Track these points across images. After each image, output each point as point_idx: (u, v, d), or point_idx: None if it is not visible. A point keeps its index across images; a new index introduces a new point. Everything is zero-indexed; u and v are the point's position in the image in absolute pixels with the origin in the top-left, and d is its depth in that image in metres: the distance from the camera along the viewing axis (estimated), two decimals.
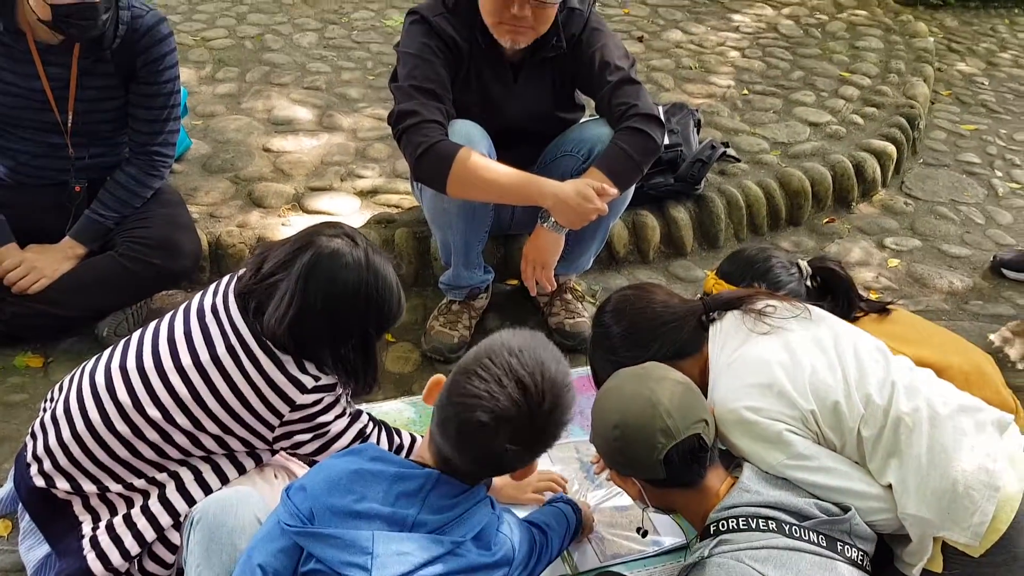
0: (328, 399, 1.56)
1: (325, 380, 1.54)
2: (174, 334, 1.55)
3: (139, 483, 1.54)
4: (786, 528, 1.39)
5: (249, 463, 1.60)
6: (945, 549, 1.45)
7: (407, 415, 2.08)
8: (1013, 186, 3.49)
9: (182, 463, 1.55)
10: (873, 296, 2.68)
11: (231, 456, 1.57)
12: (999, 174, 3.52)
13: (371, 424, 1.68)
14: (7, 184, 2.25)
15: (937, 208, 3.25)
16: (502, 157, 2.10)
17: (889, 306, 1.88)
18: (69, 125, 2.17)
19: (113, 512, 1.55)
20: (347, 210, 2.69)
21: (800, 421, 1.49)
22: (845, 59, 4.06)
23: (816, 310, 1.66)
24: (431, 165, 1.98)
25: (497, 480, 1.70)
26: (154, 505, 1.53)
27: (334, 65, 3.63)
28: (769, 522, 1.40)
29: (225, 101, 3.27)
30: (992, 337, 2.39)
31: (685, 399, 1.46)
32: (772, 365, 1.52)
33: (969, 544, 1.42)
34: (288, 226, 2.57)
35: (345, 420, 1.61)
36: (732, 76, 3.82)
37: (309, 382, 1.51)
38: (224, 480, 1.56)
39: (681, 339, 1.66)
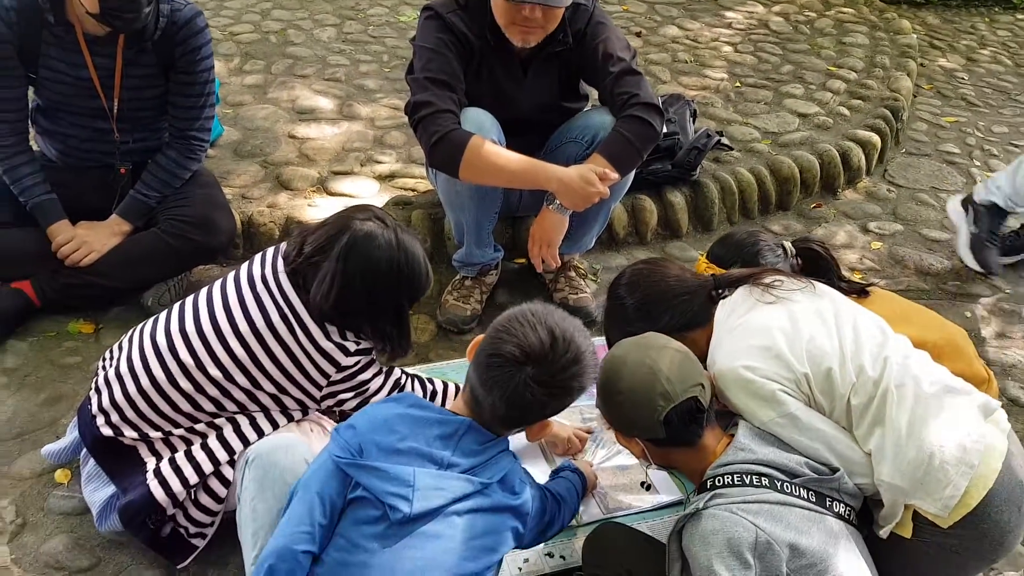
0: (366, 360, 1.68)
1: (364, 344, 1.66)
2: (228, 301, 1.64)
3: (200, 427, 1.64)
4: (777, 484, 1.42)
5: (297, 415, 1.70)
6: (917, 517, 1.48)
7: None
8: (990, 175, 3.54)
9: (239, 412, 1.65)
10: (857, 276, 2.73)
11: (284, 410, 1.67)
12: (977, 164, 3.57)
13: (404, 376, 1.80)
14: (58, 166, 2.33)
15: (918, 195, 3.30)
16: (510, 144, 2.15)
17: (869, 287, 1.88)
18: (115, 111, 2.24)
19: (175, 451, 1.64)
20: (367, 193, 2.76)
21: (794, 383, 1.51)
22: (832, 54, 4.12)
23: (820, 285, 1.68)
24: (445, 152, 2.03)
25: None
26: (212, 443, 1.63)
27: (352, 58, 3.69)
28: (762, 478, 1.43)
29: (253, 91, 3.34)
30: None
31: (683, 365, 1.50)
32: (772, 330, 1.55)
33: (938, 515, 1.44)
34: (314, 206, 2.65)
35: (381, 377, 1.73)
36: (725, 70, 3.87)
37: (352, 347, 1.63)
38: (275, 426, 1.66)
39: (692, 311, 1.69)
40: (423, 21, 2.18)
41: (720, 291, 1.70)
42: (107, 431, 1.65)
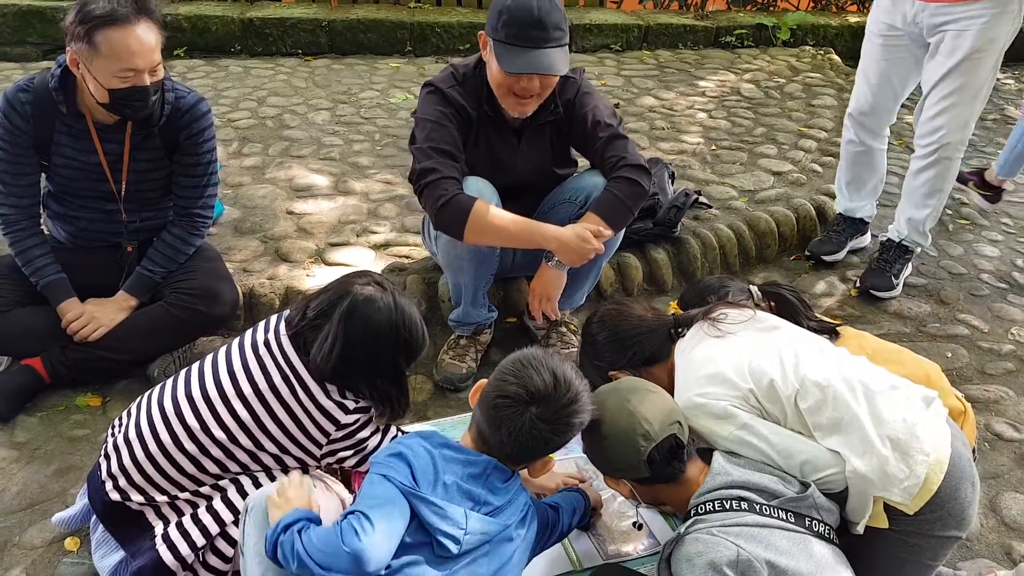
0: (364, 418, 1.73)
1: (363, 403, 1.72)
2: (232, 365, 1.71)
3: (204, 490, 1.68)
4: (756, 507, 1.49)
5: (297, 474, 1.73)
6: (887, 509, 1.55)
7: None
8: (962, 222, 3.64)
9: (242, 473, 1.69)
10: (837, 323, 2.80)
11: (285, 469, 1.72)
12: (948, 212, 3.66)
13: (400, 435, 1.84)
14: (67, 247, 2.41)
15: None
16: (507, 208, 2.25)
17: (839, 327, 1.97)
18: (122, 193, 2.34)
19: (181, 515, 1.68)
20: (363, 261, 2.85)
21: (742, 399, 1.62)
22: (803, 115, 4.29)
23: (764, 314, 1.81)
24: (450, 216, 2.13)
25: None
26: (217, 504, 1.67)
27: (346, 138, 3.84)
28: (741, 502, 1.50)
29: (251, 172, 3.47)
30: None
31: (659, 405, 1.59)
32: (716, 359, 1.67)
33: (902, 503, 1.53)
34: (312, 276, 2.74)
35: (379, 435, 1.78)
36: (701, 134, 4.02)
37: (351, 405, 1.69)
38: (273, 480, 1.70)
39: (653, 347, 1.82)
40: (424, 95, 2.29)
41: (678, 329, 1.82)
42: (115, 496, 1.68)
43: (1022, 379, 2.64)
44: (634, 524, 1.89)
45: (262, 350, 1.71)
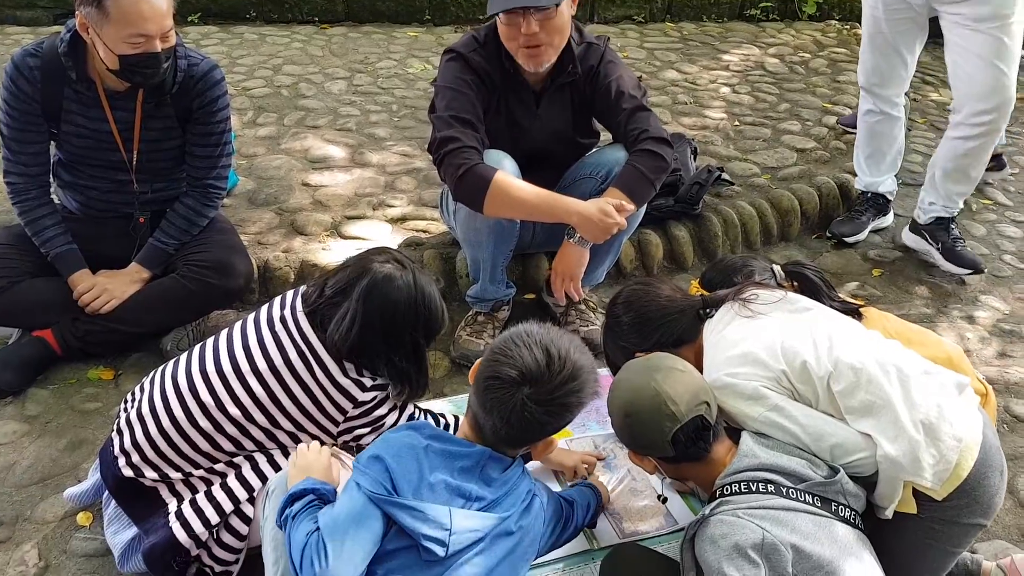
0: (382, 396, 1.69)
1: (380, 380, 1.67)
2: (248, 342, 1.65)
3: (219, 467, 1.64)
4: (783, 490, 1.45)
5: None
6: (915, 494, 1.52)
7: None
8: (985, 202, 3.56)
9: (257, 451, 1.65)
10: (860, 303, 2.74)
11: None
12: (972, 192, 3.59)
13: (417, 411, 1.80)
14: (78, 217, 2.36)
15: None
16: (527, 179, 2.18)
17: (863, 307, 1.91)
18: (134, 163, 2.27)
19: (195, 492, 1.64)
20: (380, 235, 2.78)
21: (774, 380, 1.57)
22: (828, 92, 4.17)
23: (795, 295, 1.75)
24: (471, 186, 2.06)
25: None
26: (231, 482, 1.62)
27: (362, 109, 3.76)
28: (768, 485, 1.46)
29: (266, 143, 3.39)
30: None
31: (687, 385, 1.54)
32: (748, 339, 1.62)
33: (932, 488, 1.49)
34: (328, 250, 2.67)
35: (396, 413, 1.74)
36: (724, 109, 3.92)
37: (368, 383, 1.65)
38: (282, 450, 1.66)
39: (681, 329, 1.77)
40: (445, 63, 2.23)
41: (707, 310, 1.76)
42: (128, 472, 1.64)
43: None
44: (659, 497, 1.85)
45: (278, 327, 1.65)
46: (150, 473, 1.64)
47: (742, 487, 1.47)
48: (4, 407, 2.16)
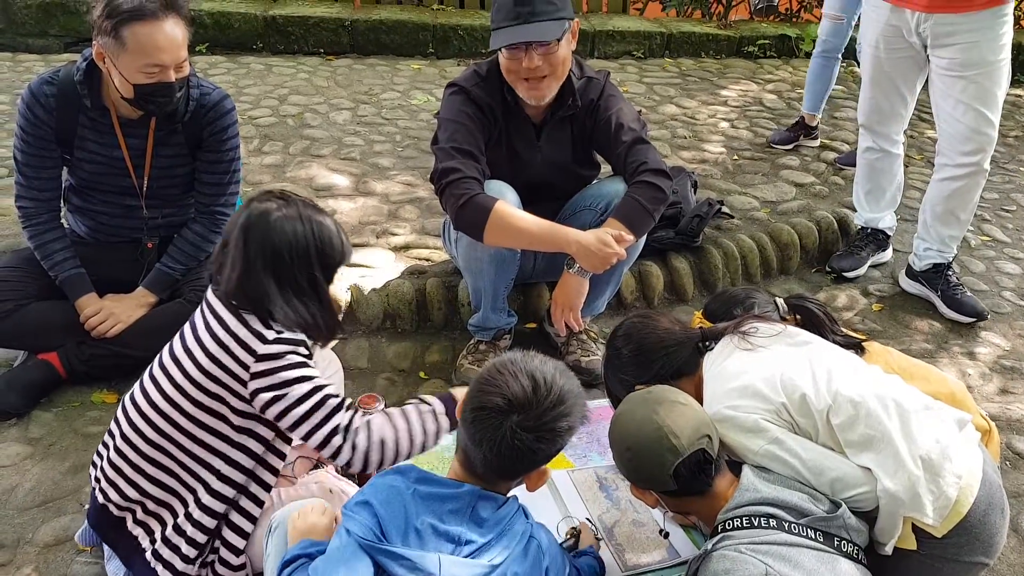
0: (293, 357, 1.54)
1: (288, 335, 1.55)
2: (174, 347, 1.64)
3: (172, 496, 1.62)
4: (786, 525, 1.45)
5: (266, 455, 1.64)
6: (915, 531, 1.52)
7: (442, 442, 2.15)
8: (984, 239, 3.58)
9: (204, 468, 1.61)
10: (861, 337, 2.76)
11: (242, 448, 1.62)
12: (971, 228, 3.59)
13: (339, 401, 1.59)
14: (87, 242, 2.39)
15: None
16: (527, 210, 2.21)
17: (865, 342, 1.92)
18: (144, 189, 2.31)
19: (163, 524, 1.62)
20: (383, 263, 2.81)
21: (773, 413, 1.58)
22: (826, 127, 4.23)
23: (795, 329, 1.77)
24: (471, 215, 2.09)
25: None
26: (194, 512, 1.60)
27: (367, 139, 3.81)
28: (770, 519, 1.46)
29: (271, 171, 3.44)
30: None
31: (688, 419, 1.54)
32: (748, 372, 1.63)
33: (932, 524, 1.49)
34: None
35: (308, 385, 1.55)
36: (723, 144, 3.97)
37: (271, 334, 1.53)
38: (243, 471, 1.61)
39: (680, 361, 1.78)
40: (448, 96, 2.27)
41: (706, 343, 1.78)
42: (100, 497, 1.65)
43: None
44: (660, 532, 1.85)
45: (196, 316, 1.62)
46: (114, 497, 1.64)
47: (744, 521, 1.47)
48: (8, 429, 2.17)
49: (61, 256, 2.29)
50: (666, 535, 1.83)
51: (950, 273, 2.99)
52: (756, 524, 1.46)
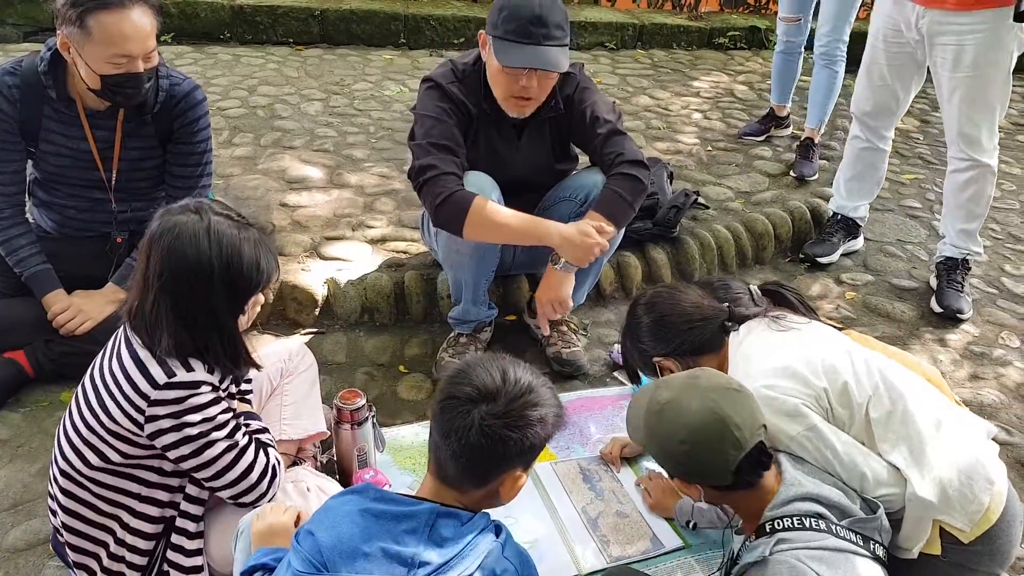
0: (195, 400, 1.44)
1: (181, 377, 1.43)
2: (95, 367, 1.56)
3: (97, 529, 1.57)
4: (833, 528, 1.39)
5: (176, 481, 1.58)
6: (941, 536, 1.50)
7: (423, 437, 2.13)
8: None
9: (116, 507, 1.56)
10: (838, 326, 2.78)
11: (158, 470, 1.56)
12: (938, 217, 3.63)
13: (255, 451, 1.55)
14: (54, 237, 2.32)
15: (886, 247, 3.39)
16: (507, 204, 2.20)
17: (842, 329, 1.89)
18: (113, 182, 2.25)
19: (97, 558, 1.59)
20: (360, 256, 2.78)
21: (813, 399, 1.52)
22: (797, 119, 4.27)
23: (819, 323, 1.73)
24: (450, 212, 2.07)
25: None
26: (125, 537, 1.57)
27: (339, 130, 3.76)
28: (819, 521, 1.39)
29: (242, 163, 3.37)
30: None
31: (747, 408, 1.42)
32: (787, 353, 1.58)
33: (963, 529, 1.47)
34: (307, 271, 2.66)
35: (219, 432, 1.47)
36: (696, 135, 3.99)
37: (161, 378, 1.41)
38: (161, 488, 1.56)
39: (703, 338, 1.70)
40: (424, 91, 2.24)
41: (732, 323, 1.72)
42: (53, 520, 1.62)
43: (1012, 383, 2.63)
44: (687, 523, 1.84)
45: (119, 333, 1.54)
46: (58, 520, 1.59)
47: (795, 522, 1.39)
48: None
49: (27, 252, 2.22)
50: (694, 526, 1.79)
51: (957, 272, 2.99)
52: (808, 526, 1.38)
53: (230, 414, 1.52)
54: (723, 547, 1.78)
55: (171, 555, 1.58)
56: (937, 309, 2.96)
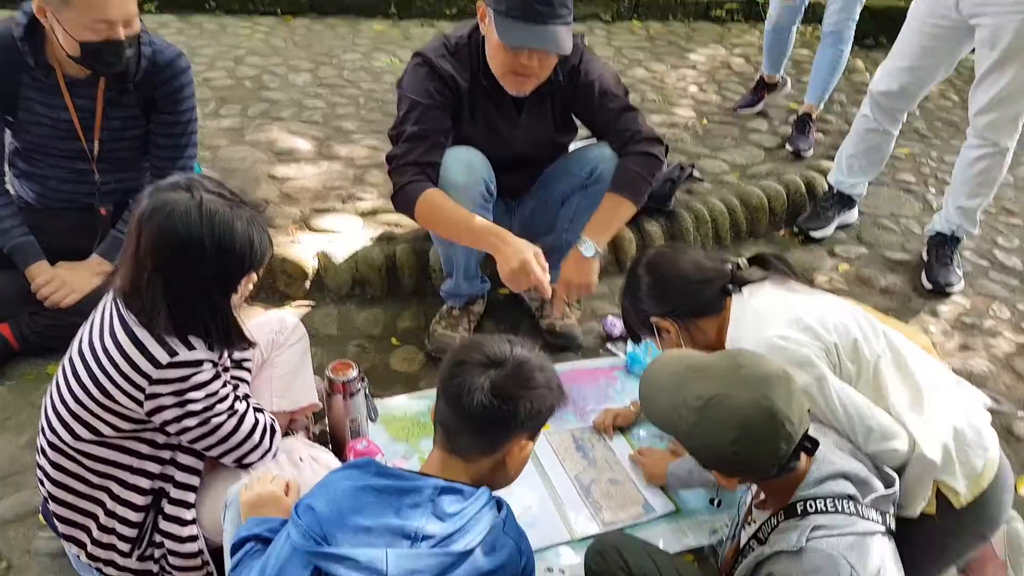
0: (197, 378, 1.45)
1: (183, 356, 1.43)
2: (83, 337, 1.54)
3: (86, 500, 1.57)
4: (861, 510, 1.35)
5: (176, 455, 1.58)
6: (936, 499, 1.53)
7: (416, 408, 2.13)
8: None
9: (107, 479, 1.55)
10: None
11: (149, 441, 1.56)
12: (932, 191, 3.66)
13: (253, 414, 1.57)
14: (36, 208, 2.28)
15: (880, 220, 3.39)
16: (504, 180, 2.17)
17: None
18: (95, 152, 2.21)
19: (86, 530, 1.58)
20: (350, 228, 2.75)
21: (823, 351, 1.52)
22: (793, 92, 4.24)
23: (820, 290, 1.75)
24: (401, 203, 2.11)
25: None
26: (116, 509, 1.56)
27: (328, 101, 3.71)
28: (848, 503, 1.34)
29: (229, 134, 3.33)
30: None
31: (794, 394, 1.31)
32: (798, 307, 1.58)
33: (959, 492, 1.50)
34: (297, 244, 2.63)
35: (221, 404, 1.49)
36: (692, 108, 3.96)
37: (164, 358, 1.41)
38: (152, 459, 1.55)
39: (703, 300, 1.68)
40: (412, 68, 2.18)
41: (733, 286, 1.69)
42: (41, 490, 1.61)
43: (1002, 353, 2.66)
44: (711, 501, 1.81)
45: (107, 304, 1.52)
46: (46, 489, 1.58)
47: (828, 504, 1.34)
48: None
49: (8, 223, 2.19)
50: (719, 504, 1.76)
51: (947, 247, 2.99)
52: (840, 509, 1.33)
53: (229, 386, 1.53)
54: (726, 511, 1.77)
55: (165, 525, 1.57)
56: (927, 284, 2.97)
